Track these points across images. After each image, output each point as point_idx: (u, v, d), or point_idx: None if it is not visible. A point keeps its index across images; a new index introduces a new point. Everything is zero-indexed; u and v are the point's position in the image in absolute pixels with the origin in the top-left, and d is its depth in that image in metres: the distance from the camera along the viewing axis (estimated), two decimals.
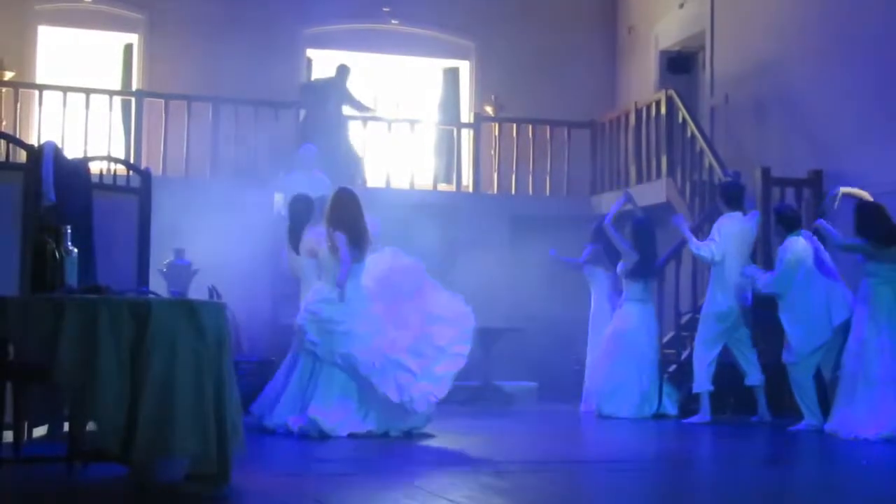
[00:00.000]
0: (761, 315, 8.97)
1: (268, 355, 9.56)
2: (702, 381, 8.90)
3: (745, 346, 8.99)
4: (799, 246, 8.37)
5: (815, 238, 8.53)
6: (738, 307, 8.86)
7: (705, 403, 8.90)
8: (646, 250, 9.58)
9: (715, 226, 9.07)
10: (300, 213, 8.45)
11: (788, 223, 8.57)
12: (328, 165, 11.30)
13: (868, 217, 7.89)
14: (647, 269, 9.57)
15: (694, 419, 8.88)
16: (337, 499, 4.82)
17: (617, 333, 9.52)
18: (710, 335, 8.95)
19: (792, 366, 8.37)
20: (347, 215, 7.74)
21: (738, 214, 8.98)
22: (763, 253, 9.59)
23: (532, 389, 11.37)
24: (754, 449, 7.65)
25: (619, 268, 9.67)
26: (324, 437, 7.22)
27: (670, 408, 9.38)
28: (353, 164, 12.26)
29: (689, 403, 9.24)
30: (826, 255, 8.42)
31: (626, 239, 9.73)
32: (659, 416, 9.30)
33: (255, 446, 6.32)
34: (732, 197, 9.05)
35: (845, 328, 8.16)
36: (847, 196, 8.31)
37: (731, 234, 8.88)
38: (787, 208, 8.96)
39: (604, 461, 6.76)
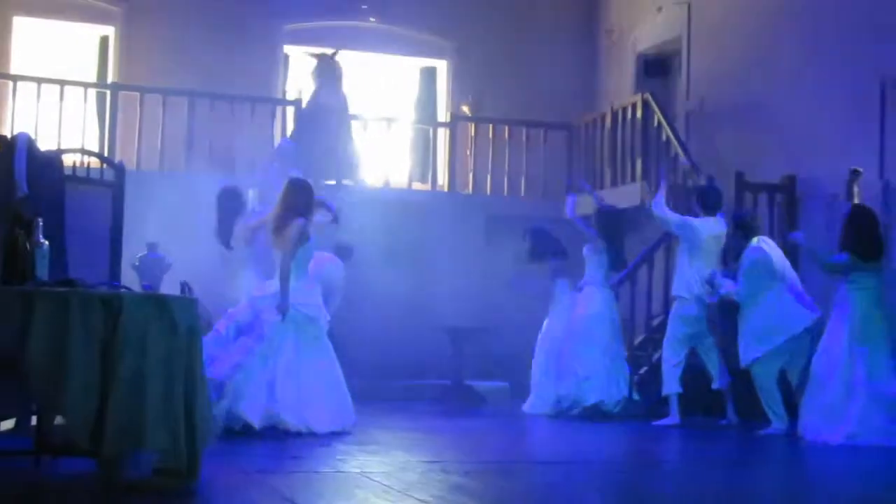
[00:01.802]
0: (728, 319, 9.02)
1: None
2: (671, 384, 8.95)
3: (712, 350, 9.04)
4: (758, 253, 8.41)
5: (774, 246, 8.60)
6: (704, 311, 8.90)
7: (674, 406, 8.94)
8: (612, 238, 9.61)
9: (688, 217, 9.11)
10: (229, 206, 8.40)
11: (747, 229, 8.63)
12: (333, 160, 11.55)
13: (857, 228, 7.80)
14: (617, 258, 9.63)
15: (663, 422, 8.91)
16: (306, 496, 4.81)
17: (579, 318, 9.58)
18: (677, 337, 8.99)
19: (751, 369, 8.41)
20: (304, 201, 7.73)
21: (711, 219, 9.02)
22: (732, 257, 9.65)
23: (503, 389, 11.40)
24: (721, 451, 7.69)
25: (585, 251, 9.75)
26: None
27: (636, 394, 9.47)
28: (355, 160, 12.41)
29: (657, 406, 9.28)
30: (785, 263, 8.48)
31: (591, 227, 9.81)
32: (626, 402, 9.33)
33: (225, 442, 6.31)
34: (709, 201, 9.07)
35: (810, 333, 8.22)
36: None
37: (706, 234, 8.90)
38: (745, 215, 8.98)
39: (573, 461, 6.78)
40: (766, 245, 8.52)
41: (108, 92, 12.19)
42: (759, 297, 8.33)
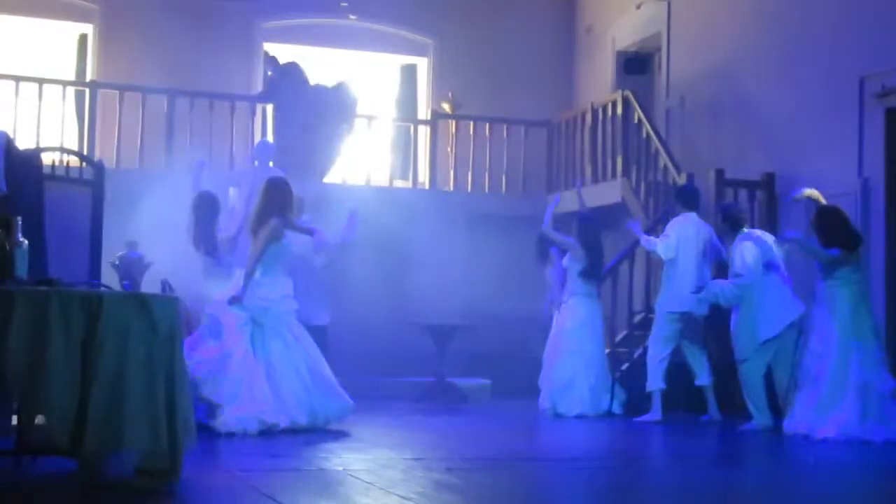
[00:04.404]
0: (712, 316, 9.05)
1: None
2: (655, 380, 8.98)
3: (696, 346, 9.07)
4: (749, 248, 8.44)
5: (761, 237, 8.62)
6: (692, 314, 8.94)
7: (657, 402, 8.97)
8: (592, 248, 9.60)
9: (669, 224, 9.19)
10: (206, 211, 8.38)
11: (734, 222, 8.67)
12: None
13: (831, 222, 7.85)
14: (596, 268, 9.60)
15: (645, 417, 8.94)
16: (288, 495, 4.80)
17: (563, 330, 9.55)
18: (664, 334, 9.02)
19: (741, 364, 8.43)
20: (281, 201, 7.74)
21: (692, 215, 9.08)
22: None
23: (486, 387, 11.40)
24: (705, 447, 7.72)
25: (566, 262, 9.70)
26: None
27: (616, 408, 9.42)
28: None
29: (640, 402, 9.30)
30: (775, 254, 8.51)
31: (570, 236, 9.74)
32: (607, 414, 9.33)
33: (207, 442, 6.29)
34: (688, 199, 9.18)
35: (795, 328, 8.25)
36: (809, 199, 8.30)
37: (685, 234, 8.97)
38: (732, 207, 9.05)
39: (556, 458, 6.80)
40: (752, 237, 8.55)
41: (87, 90, 12.13)
42: (750, 291, 8.35)
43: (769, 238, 8.66)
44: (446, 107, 13.47)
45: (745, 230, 8.61)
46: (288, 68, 12.45)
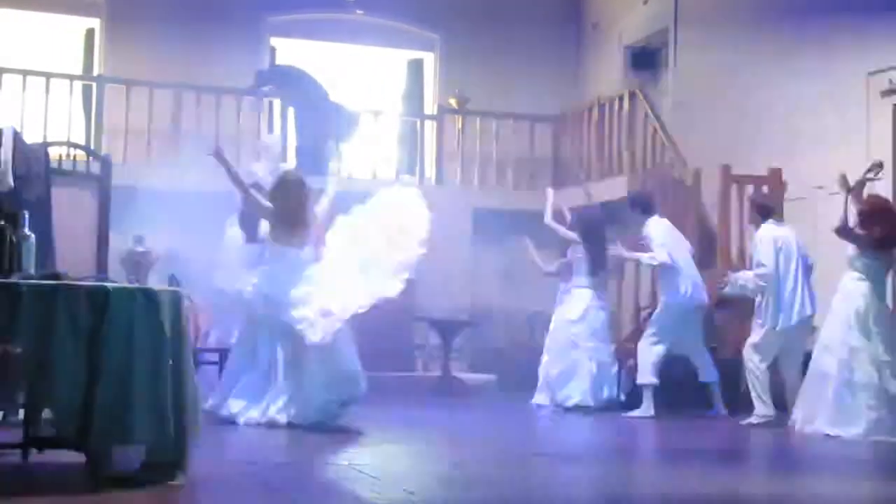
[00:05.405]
0: (717, 313, 9.05)
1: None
2: (645, 374, 8.94)
3: (699, 344, 9.05)
4: (770, 238, 8.42)
5: (783, 226, 8.62)
6: (694, 306, 8.94)
7: (648, 397, 8.89)
8: (592, 242, 9.61)
9: (650, 233, 9.12)
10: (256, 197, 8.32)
11: (765, 211, 8.66)
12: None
13: (876, 213, 7.76)
14: (598, 260, 9.59)
15: (636, 413, 8.86)
16: (293, 489, 4.82)
17: (565, 320, 9.56)
18: (658, 329, 8.99)
19: (753, 347, 8.36)
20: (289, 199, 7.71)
21: (655, 217, 9.13)
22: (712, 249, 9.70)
23: (491, 382, 11.41)
24: (711, 443, 7.71)
25: (569, 253, 9.71)
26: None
27: (623, 399, 9.44)
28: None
29: (634, 397, 9.27)
30: (799, 248, 8.48)
31: (571, 230, 9.75)
32: (609, 405, 9.31)
33: (213, 435, 6.29)
34: (647, 205, 9.25)
35: (807, 324, 8.23)
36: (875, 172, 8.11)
37: (669, 235, 9.03)
38: (763, 196, 9.09)
39: (561, 454, 6.79)
40: (775, 228, 8.53)
41: (94, 84, 12.15)
42: (773, 280, 8.34)
43: (792, 232, 8.64)
44: (453, 102, 13.47)
45: (772, 221, 8.60)
46: (283, 70, 12.44)
